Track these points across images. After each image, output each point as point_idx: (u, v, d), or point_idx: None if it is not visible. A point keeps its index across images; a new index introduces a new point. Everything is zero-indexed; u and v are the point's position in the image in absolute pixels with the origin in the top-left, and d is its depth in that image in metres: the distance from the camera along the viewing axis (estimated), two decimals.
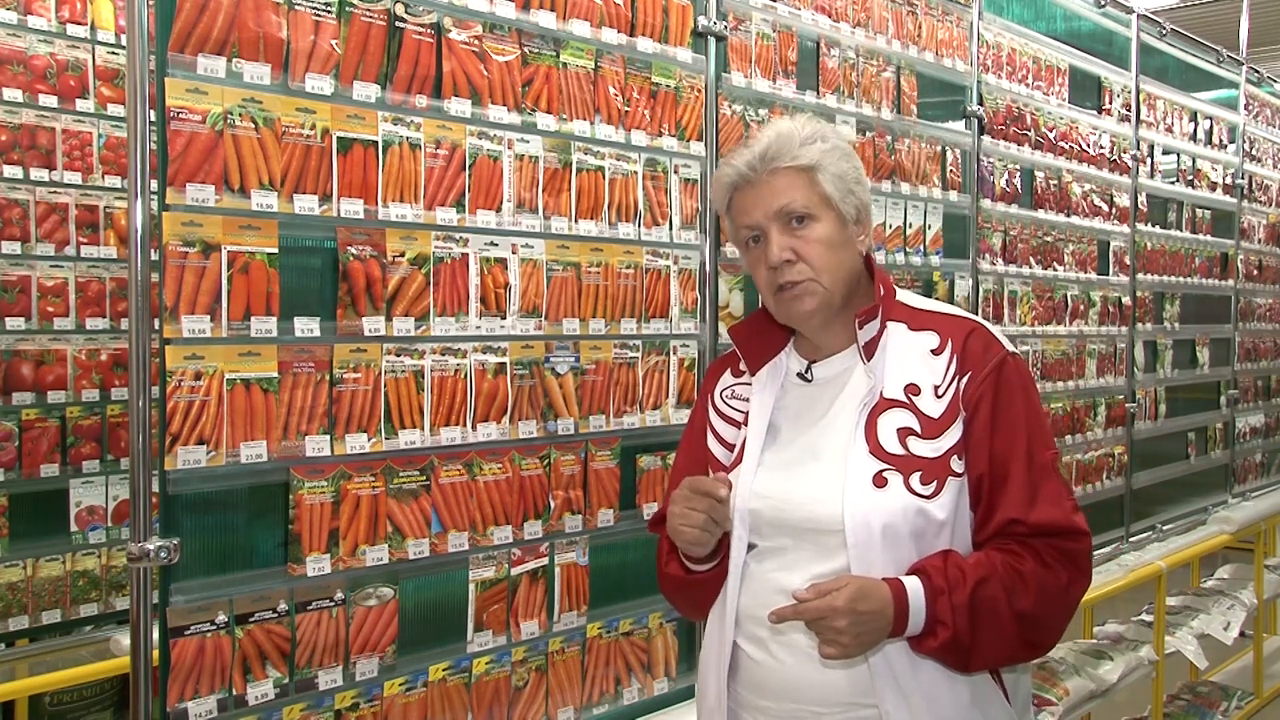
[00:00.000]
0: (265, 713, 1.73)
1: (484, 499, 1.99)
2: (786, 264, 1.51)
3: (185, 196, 1.61)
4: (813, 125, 1.58)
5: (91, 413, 2.99)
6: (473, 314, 1.97)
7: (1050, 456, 1.47)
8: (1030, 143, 3.53)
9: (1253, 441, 5.13)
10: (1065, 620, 1.48)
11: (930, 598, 1.39)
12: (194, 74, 1.63)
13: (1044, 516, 1.43)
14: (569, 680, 2.16)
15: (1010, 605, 1.40)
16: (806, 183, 1.52)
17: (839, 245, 1.53)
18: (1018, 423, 1.46)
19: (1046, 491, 1.45)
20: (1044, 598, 1.42)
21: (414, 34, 1.88)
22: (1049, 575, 1.42)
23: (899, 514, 1.42)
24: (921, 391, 1.49)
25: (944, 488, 1.44)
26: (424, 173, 1.89)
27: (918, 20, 3.00)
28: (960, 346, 1.50)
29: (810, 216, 1.51)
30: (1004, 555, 1.43)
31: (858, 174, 1.57)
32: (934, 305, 1.60)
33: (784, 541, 1.52)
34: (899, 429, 1.47)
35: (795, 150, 1.52)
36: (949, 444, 1.46)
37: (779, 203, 1.51)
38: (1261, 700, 4.68)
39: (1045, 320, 3.61)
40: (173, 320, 1.60)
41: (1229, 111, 4.97)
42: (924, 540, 1.43)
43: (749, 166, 1.54)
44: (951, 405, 1.47)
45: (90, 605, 2.98)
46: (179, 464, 1.61)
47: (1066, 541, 1.44)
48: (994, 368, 1.47)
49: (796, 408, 1.60)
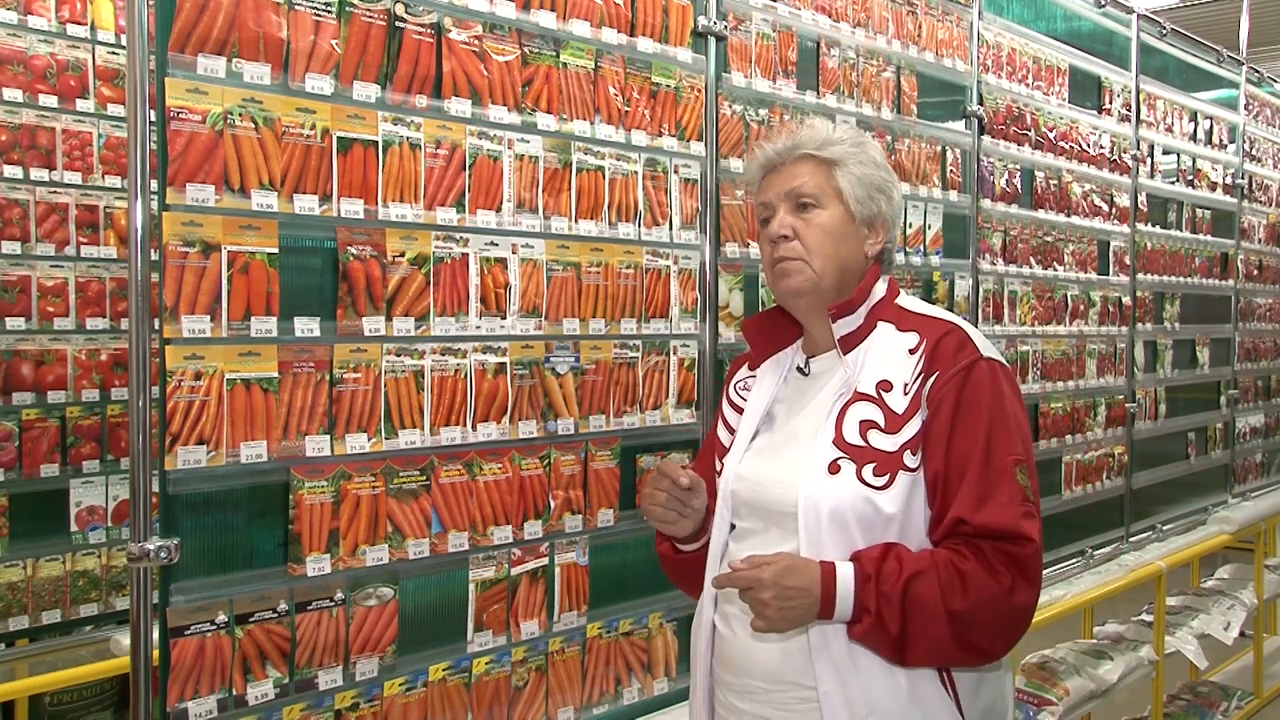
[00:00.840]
0: (265, 713, 1.73)
1: (484, 499, 1.99)
2: (783, 239, 1.58)
3: (185, 196, 1.61)
4: (853, 134, 1.67)
5: (91, 413, 2.98)
6: (473, 314, 1.97)
7: (1011, 461, 1.46)
8: (1030, 143, 3.53)
9: (1253, 441, 5.13)
10: (1009, 628, 1.46)
11: (859, 583, 1.41)
12: (194, 74, 1.63)
13: (990, 519, 1.43)
14: (569, 680, 2.16)
15: (945, 602, 1.40)
16: (824, 174, 1.60)
17: (839, 236, 1.59)
18: (979, 425, 1.47)
19: (999, 494, 1.44)
20: (982, 600, 1.41)
21: (414, 34, 1.88)
22: (990, 578, 1.41)
23: (847, 501, 1.46)
24: (893, 388, 1.52)
25: (895, 481, 1.47)
26: (424, 173, 1.89)
27: (918, 20, 3.00)
28: (932, 346, 1.52)
29: (817, 204, 1.59)
30: (948, 553, 1.44)
31: (884, 184, 1.63)
32: (928, 309, 1.63)
33: (758, 523, 1.59)
34: (862, 421, 1.51)
35: (821, 140, 1.61)
36: (905, 439, 1.49)
37: (791, 184, 1.60)
38: (1261, 700, 4.68)
39: (1045, 320, 3.61)
40: (173, 320, 1.60)
41: (1229, 111, 4.97)
42: (873, 531, 1.46)
43: (777, 152, 1.64)
44: (913, 401, 1.50)
45: (90, 605, 2.97)
46: (179, 464, 1.61)
47: (1011, 545, 1.43)
48: (962, 369, 1.49)
49: (791, 399, 1.67)
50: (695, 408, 2.38)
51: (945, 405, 1.48)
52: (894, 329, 1.58)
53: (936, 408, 1.48)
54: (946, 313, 1.63)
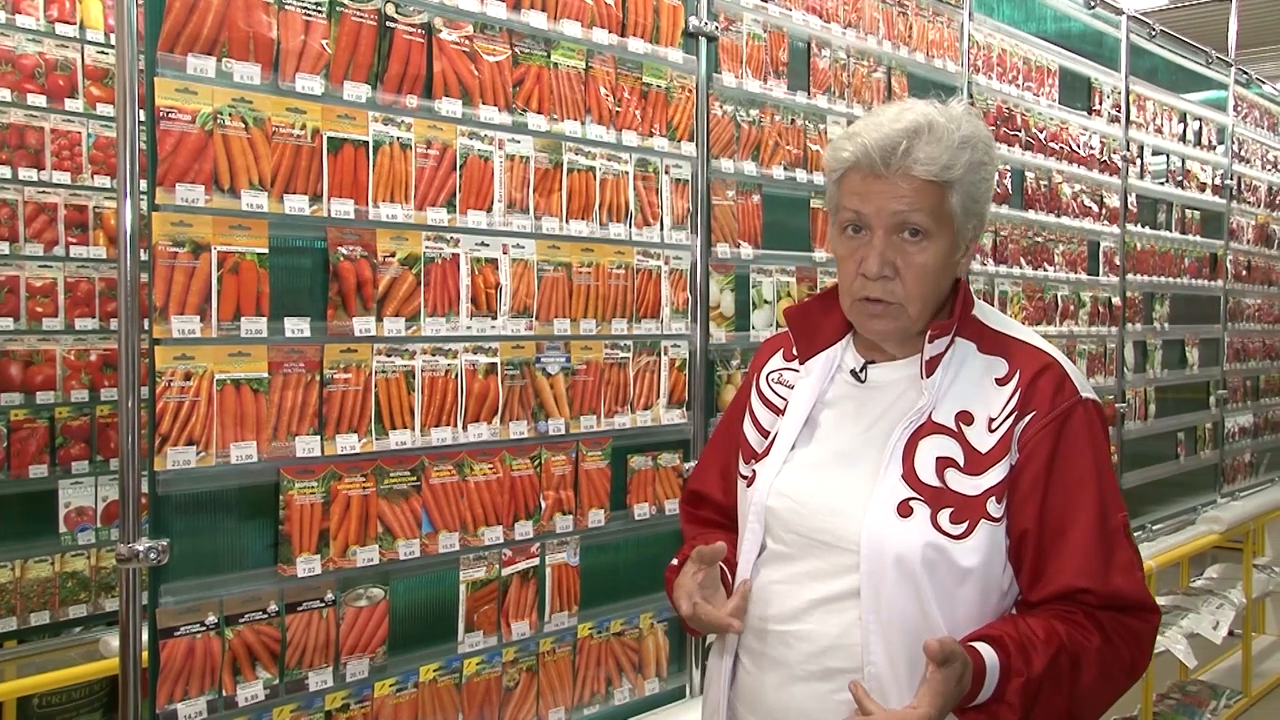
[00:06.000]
0: (255, 714, 1.72)
1: (475, 499, 1.99)
2: (882, 280, 1.35)
3: (175, 196, 1.61)
4: (969, 124, 1.38)
5: (81, 413, 2.97)
6: (463, 314, 1.97)
7: (1122, 519, 1.33)
8: (1021, 143, 3.54)
9: (1241, 441, 5.15)
10: (1115, 696, 1.35)
11: (1005, 676, 1.25)
12: (184, 74, 1.62)
13: (1119, 588, 1.29)
14: (560, 681, 2.16)
15: (1072, 686, 1.27)
16: (937, 198, 1.34)
17: (941, 270, 1.37)
18: (1084, 478, 1.31)
19: (1118, 559, 1.30)
20: (1104, 678, 1.30)
21: (405, 34, 1.88)
22: (1113, 654, 1.29)
23: (918, 549, 1.29)
24: (974, 421, 1.34)
25: (975, 530, 1.30)
26: (415, 173, 1.89)
27: (908, 21, 3.01)
28: (1028, 382, 1.34)
29: (926, 235, 1.34)
30: (1068, 627, 1.29)
31: (988, 190, 1.41)
32: (1012, 327, 1.45)
33: (793, 548, 1.41)
34: (939, 458, 1.33)
35: (943, 159, 1.32)
36: (990, 483, 1.31)
37: (898, 208, 1.33)
38: (1250, 699, 4.70)
39: (1035, 321, 3.62)
40: (162, 320, 1.60)
41: (1218, 113, 4.99)
42: (944, 585, 1.30)
43: (882, 158, 1.32)
44: (1002, 443, 1.32)
45: (79, 606, 2.96)
46: (168, 465, 1.61)
47: (1135, 619, 1.31)
48: (1061, 413, 1.32)
49: (841, 407, 1.46)
50: (686, 408, 2.38)
51: (1040, 454, 1.31)
52: (975, 349, 1.40)
53: (1029, 455, 1.31)
54: (1034, 335, 1.44)
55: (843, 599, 1.34)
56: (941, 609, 1.30)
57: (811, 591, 1.37)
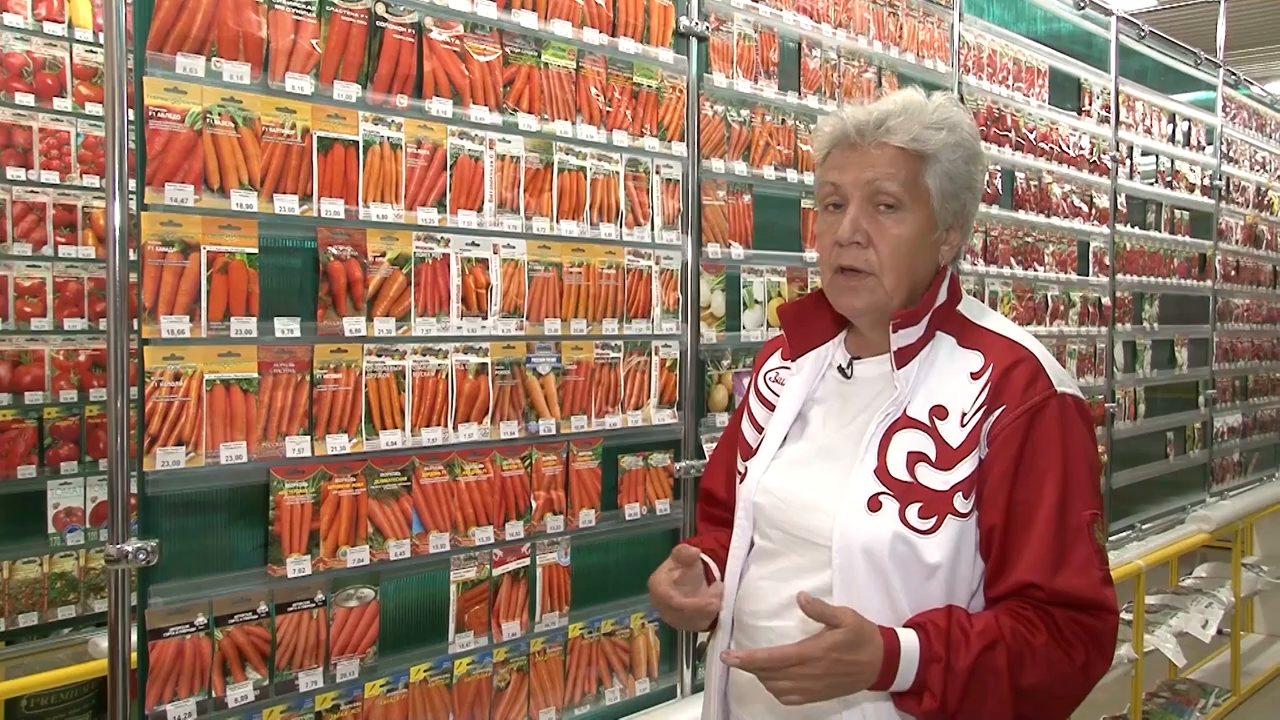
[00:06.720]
0: (245, 715, 1.72)
1: (465, 499, 1.99)
2: (855, 245, 1.37)
3: (164, 196, 1.60)
4: (949, 110, 1.41)
5: (69, 414, 2.96)
6: (454, 314, 1.96)
7: (1088, 517, 1.31)
8: (1011, 144, 3.55)
9: (1230, 441, 5.18)
10: (1073, 702, 1.33)
11: (924, 662, 1.25)
12: (173, 73, 1.62)
13: (1069, 585, 1.27)
14: (551, 681, 2.16)
15: (1012, 680, 1.25)
16: (912, 170, 1.37)
17: (917, 247, 1.39)
18: (1049, 472, 1.30)
19: (1075, 556, 1.28)
20: (1053, 676, 1.27)
21: (395, 33, 1.87)
22: (1063, 653, 1.28)
23: (885, 543, 1.30)
24: (948, 416, 1.34)
25: (942, 525, 1.30)
26: (405, 173, 1.88)
27: (899, 21, 3.02)
28: (1000, 375, 1.34)
29: (899, 207, 1.37)
30: (1015, 622, 1.28)
31: (972, 179, 1.43)
32: (995, 322, 1.44)
33: (777, 544, 1.44)
34: (910, 452, 1.34)
35: (915, 130, 1.36)
36: (958, 478, 1.31)
37: (871, 176, 1.37)
38: (1239, 697, 4.72)
39: (1026, 320, 3.63)
40: (151, 320, 1.59)
41: (1207, 113, 5.02)
42: (914, 579, 1.30)
43: (858, 129, 1.38)
44: (971, 437, 1.32)
45: (68, 607, 2.96)
46: (158, 465, 1.60)
47: (1090, 617, 1.29)
48: (1032, 407, 1.31)
49: (828, 404, 1.48)
50: (677, 408, 2.38)
51: (1008, 448, 1.30)
52: (955, 343, 1.40)
53: (999, 449, 1.31)
54: (1016, 329, 1.43)
55: (820, 595, 1.32)
56: (911, 604, 1.31)
57: (792, 587, 1.36)
